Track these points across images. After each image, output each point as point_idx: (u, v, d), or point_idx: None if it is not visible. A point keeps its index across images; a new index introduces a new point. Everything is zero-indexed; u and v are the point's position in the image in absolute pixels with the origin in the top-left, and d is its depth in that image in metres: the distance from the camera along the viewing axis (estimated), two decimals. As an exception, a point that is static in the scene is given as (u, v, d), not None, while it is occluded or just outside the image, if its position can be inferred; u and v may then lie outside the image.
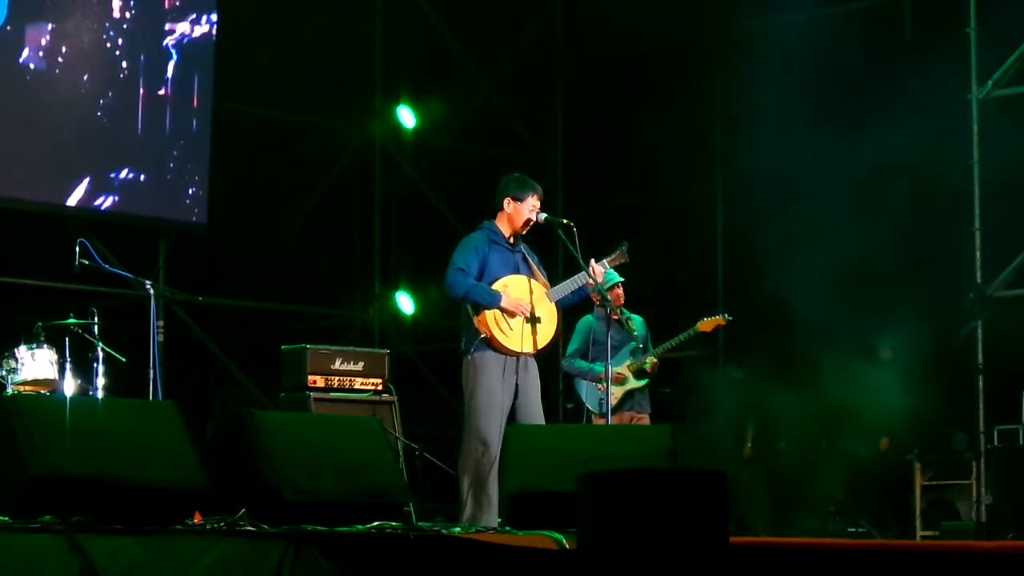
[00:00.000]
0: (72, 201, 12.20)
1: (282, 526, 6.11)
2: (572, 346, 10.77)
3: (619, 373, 10.59)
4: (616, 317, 9.33)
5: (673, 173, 14.58)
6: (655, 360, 10.69)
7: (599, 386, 10.43)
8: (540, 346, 8.61)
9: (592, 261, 8.73)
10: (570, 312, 9.39)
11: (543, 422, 8.69)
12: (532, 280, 8.65)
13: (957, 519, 12.42)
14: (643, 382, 10.76)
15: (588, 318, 10.67)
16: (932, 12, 13.68)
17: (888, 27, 13.98)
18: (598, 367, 10.40)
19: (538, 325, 8.56)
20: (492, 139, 15.05)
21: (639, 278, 10.68)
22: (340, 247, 15.24)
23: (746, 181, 14.10)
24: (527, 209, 8.66)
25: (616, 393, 10.54)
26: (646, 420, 10.73)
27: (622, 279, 10.19)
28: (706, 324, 10.77)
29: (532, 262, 8.76)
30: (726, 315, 10.90)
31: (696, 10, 14.73)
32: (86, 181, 12.30)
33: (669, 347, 10.80)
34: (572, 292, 8.75)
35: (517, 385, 8.53)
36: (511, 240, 8.71)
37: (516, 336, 8.50)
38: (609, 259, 8.86)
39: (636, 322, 10.60)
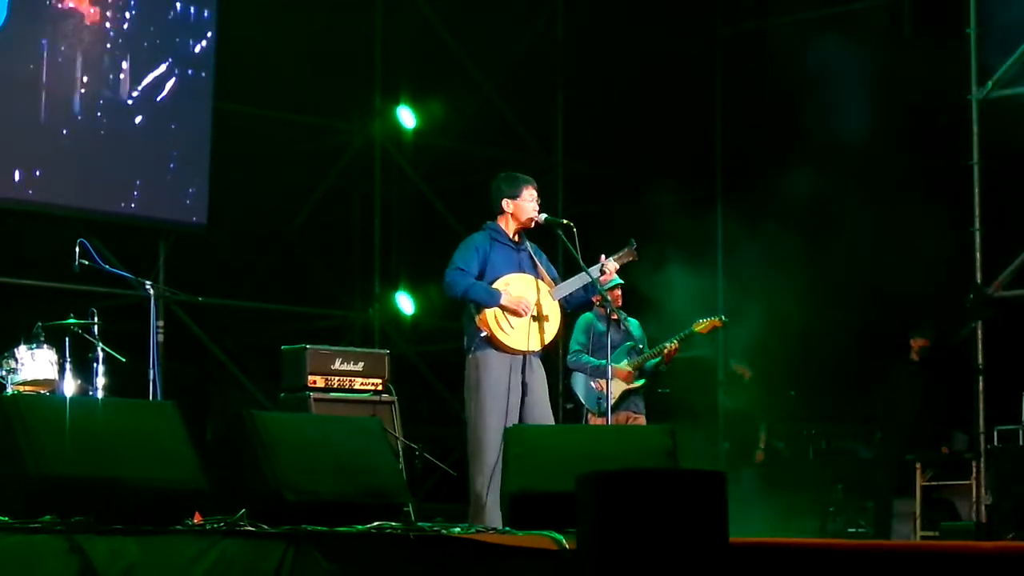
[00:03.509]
0: (71, 201, 12.20)
1: (282, 526, 6.11)
2: (578, 342, 10.66)
3: (630, 370, 10.54)
4: (615, 317, 9.31)
5: (673, 175, 14.58)
6: (661, 354, 10.61)
7: (597, 385, 10.41)
8: (543, 345, 8.58)
9: (603, 257, 8.70)
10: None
11: (552, 421, 8.67)
12: (536, 279, 8.63)
13: (957, 519, 12.43)
14: (640, 383, 10.75)
15: (588, 315, 10.62)
16: (932, 12, 13.70)
17: (888, 27, 14.00)
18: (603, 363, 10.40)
19: (541, 323, 8.53)
20: (492, 140, 15.05)
21: (637, 280, 10.67)
22: (340, 247, 15.25)
23: (745, 180, 14.12)
24: (527, 202, 8.63)
25: (614, 392, 10.52)
26: (642, 420, 10.71)
27: (621, 281, 10.16)
28: (702, 325, 10.67)
29: (538, 261, 8.72)
30: (723, 317, 10.83)
31: (696, 10, 14.75)
32: (86, 181, 12.30)
33: (664, 348, 10.75)
34: (580, 291, 8.70)
35: (524, 384, 8.50)
36: (515, 239, 8.69)
37: (517, 334, 8.47)
38: (617, 256, 8.80)
39: (632, 325, 10.59)
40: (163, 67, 12.66)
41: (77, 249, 9.70)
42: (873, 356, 13.39)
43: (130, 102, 12.52)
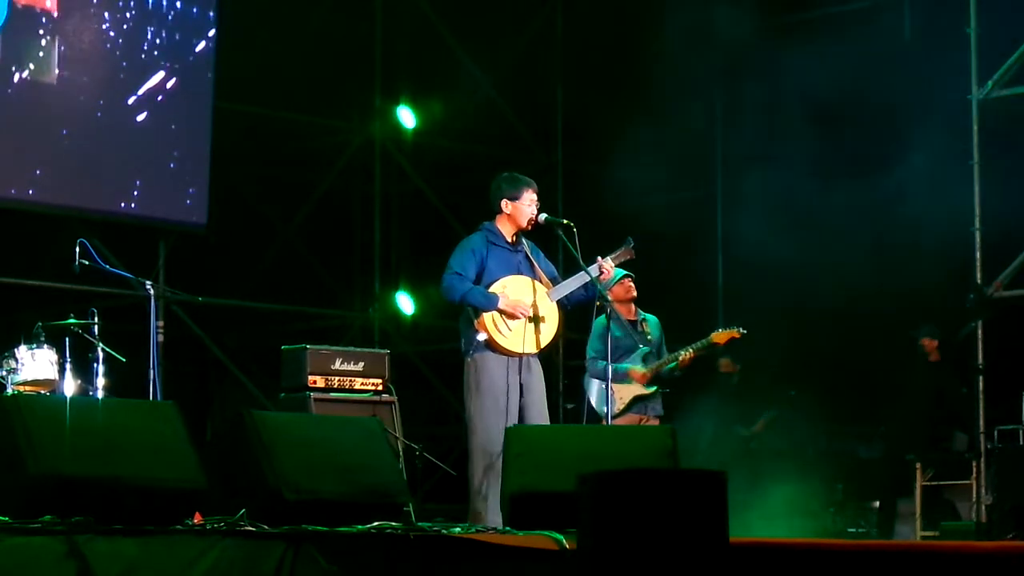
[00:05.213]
0: (72, 201, 12.19)
1: (282, 526, 6.11)
2: (594, 348, 10.46)
3: (644, 371, 10.39)
4: (634, 318, 9.28)
5: (673, 174, 14.58)
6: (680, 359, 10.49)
7: (612, 392, 10.30)
8: (541, 346, 8.58)
9: (599, 258, 8.70)
10: (581, 313, 9.33)
11: (548, 421, 8.68)
12: (533, 280, 8.63)
13: (957, 519, 12.43)
14: (652, 388, 10.67)
15: (603, 318, 10.51)
16: (932, 12, 13.70)
17: (888, 27, 14.00)
18: (623, 365, 10.26)
19: (538, 325, 8.54)
20: (492, 139, 15.05)
21: (638, 280, 10.65)
22: (340, 247, 15.25)
23: (746, 182, 14.12)
24: (526, 205, 8.63)
25: (624, 397, 10.42)
26: (656, 424, 10.62)
27: (627, 272, 10.12)
28: (720, 336, 10.58)
29: (535, 261, 8.72)
30: (741, 329, 10.73)
31: (697, 10, 14.73)
32: (86, 181, 12.29)
33: (680, 356, 10.67)
34: (580, 289, 8.69)
35: (522, 385, 8.51)
36: (512, 240, 8.69)
37: (515, 337, 8.48)
38: (614, 255, 8.81)
39: (651, 323, 10.49)
40: (163, 67, 12.66)
41: (77, 249, 9.70)
42: (875, 357, 13.38)
43: (130, 102, 12.52)
